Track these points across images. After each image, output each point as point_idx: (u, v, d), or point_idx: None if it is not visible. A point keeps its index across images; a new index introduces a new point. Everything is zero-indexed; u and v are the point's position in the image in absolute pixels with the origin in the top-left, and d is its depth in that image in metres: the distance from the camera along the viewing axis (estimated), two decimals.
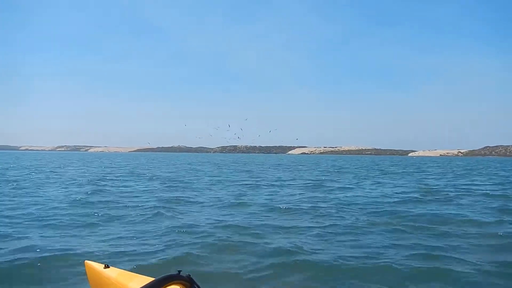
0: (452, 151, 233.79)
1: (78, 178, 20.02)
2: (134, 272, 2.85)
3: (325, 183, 18.86)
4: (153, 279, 2.37)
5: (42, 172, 24.79)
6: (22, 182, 16.93)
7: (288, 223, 8.08)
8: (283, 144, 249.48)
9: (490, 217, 9.09)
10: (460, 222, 8.33)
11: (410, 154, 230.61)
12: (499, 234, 7.17)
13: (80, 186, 15.36)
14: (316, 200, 12.10)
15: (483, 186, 17.72)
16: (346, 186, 17.29)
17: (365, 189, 15.96)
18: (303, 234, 7.11)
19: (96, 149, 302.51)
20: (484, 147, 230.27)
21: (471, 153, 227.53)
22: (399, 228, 7.71)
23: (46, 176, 21.13)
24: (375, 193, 14.29)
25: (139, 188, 15.35)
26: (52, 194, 12.68)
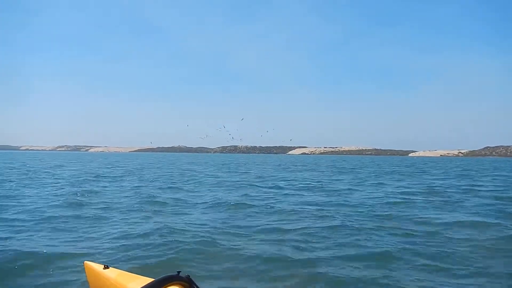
0: (452, 152, 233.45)
1: (67, 178, 19.66)
2: (134, 272, 2.86)
3: (325, 184, 18.84)
4: (152, 279, 2.38)
5: (29, 172, 24.00)
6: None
7: (288, 224, 8.06)
8: (283, 144, 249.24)
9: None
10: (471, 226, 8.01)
11: (411, 155, 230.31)
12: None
13: (70, 186, 15.11)
14: (317, 201, 12.09)
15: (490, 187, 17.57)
16: (347, 187, 17.26)
17: (366, 190, 15.93)
18: (302, 235, 7.10)
19: (96, 149, 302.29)
20: (485, 148, 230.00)
21: (471, 153, 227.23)
22: (405, 231, 7.40)
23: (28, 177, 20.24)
24: (377, 194, 14.24)
25: (130, 188, 15.23)
26: (37, 194, 12.49)
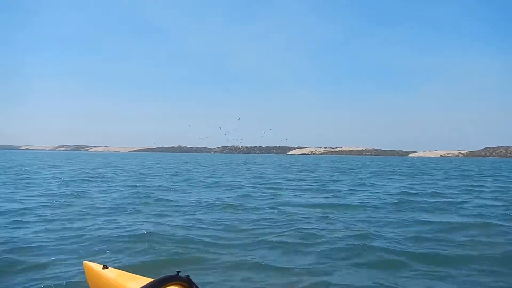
0: (452, 152, 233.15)
1: (57, 178, 19.34)
2: (133, 272, 2.85)
3: (326, 184, 18.84)
4: (152, 280, 2.37)
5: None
6: None
7: (288, 225, 8.05)
8: (284, 145, 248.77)
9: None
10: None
11: (411, 155, 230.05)
12: None
13: (58, 187, 14.87)
14: (317, 201, 12.08)
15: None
16: (347, 187, 17.25)
17: (367, 191, 15.92)
18: (302, 237, 7.08)
19: (96, 149, 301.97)
20: (485, 148, 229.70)
21: (471, 153, 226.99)
22: (408, 234, 7.22)
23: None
24: (378, 195, 14.21)
25: (121, 187, 15.19)
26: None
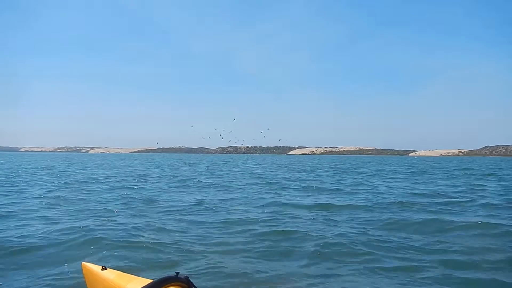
0: (452, 151, 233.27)
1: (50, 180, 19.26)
2: (132, 273, 2.83)
3: (326, 184, 18.81)
4: (151, 280, 2.35)
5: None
6: None
7: (287, 226, 8.04)
8: (284, 145, 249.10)
9: None
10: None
11: (411, 154, 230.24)
12: None
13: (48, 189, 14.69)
14: (317, 202, 12.06)
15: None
16: (349, 187, 17.22)
17: (369, 191, 15.88)
18: (303, 240, 7.07)
19: (96, 150, 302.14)
20: (485, 147, 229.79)
21: (471, 153, 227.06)
22: (413, 235, 7.11)
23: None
24: (380, 195, 14.17)
25: (115, 186, 15.19)
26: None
